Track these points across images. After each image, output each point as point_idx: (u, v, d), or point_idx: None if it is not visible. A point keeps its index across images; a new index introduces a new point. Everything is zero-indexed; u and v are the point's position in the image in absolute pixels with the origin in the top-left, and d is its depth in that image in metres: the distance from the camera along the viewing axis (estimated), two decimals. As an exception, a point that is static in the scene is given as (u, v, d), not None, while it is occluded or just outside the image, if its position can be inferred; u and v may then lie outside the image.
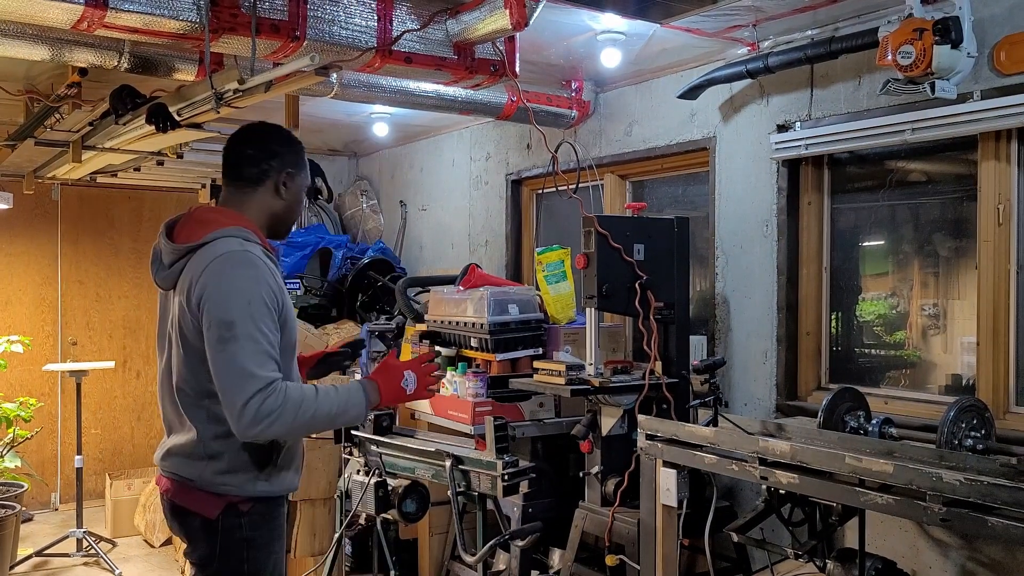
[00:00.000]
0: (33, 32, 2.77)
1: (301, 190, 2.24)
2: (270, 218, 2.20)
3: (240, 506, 2.07)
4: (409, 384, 2.20)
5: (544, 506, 3.41)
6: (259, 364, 1.94)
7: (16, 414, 4.94)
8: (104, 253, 6.41)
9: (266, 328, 1.98)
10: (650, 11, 3.04)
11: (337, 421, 2.12)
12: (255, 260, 2.04)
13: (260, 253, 2.08)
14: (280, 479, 2.14)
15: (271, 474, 2.11)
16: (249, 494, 2.08)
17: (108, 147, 3.97)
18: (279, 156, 2.20)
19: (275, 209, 2.20)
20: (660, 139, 4.01)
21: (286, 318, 2.08)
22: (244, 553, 2.09)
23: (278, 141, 2.23)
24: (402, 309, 4.53)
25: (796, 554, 2.74)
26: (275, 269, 2.11)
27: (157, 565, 4.98)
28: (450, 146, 5.46)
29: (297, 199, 2.24)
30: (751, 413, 3.53)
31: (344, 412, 2.08)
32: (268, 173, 2.18)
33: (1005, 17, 2.77)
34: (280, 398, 1.94)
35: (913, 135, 2.95)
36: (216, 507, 2.06)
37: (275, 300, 2.03)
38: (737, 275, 3.66)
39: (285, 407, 1.94)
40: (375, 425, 3.23)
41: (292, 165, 2.21)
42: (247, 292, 1.99)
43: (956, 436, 2.51)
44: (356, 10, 2.85)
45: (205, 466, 2.07)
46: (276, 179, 2.18)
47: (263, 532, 2.12)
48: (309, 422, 2.01)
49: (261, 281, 2.01)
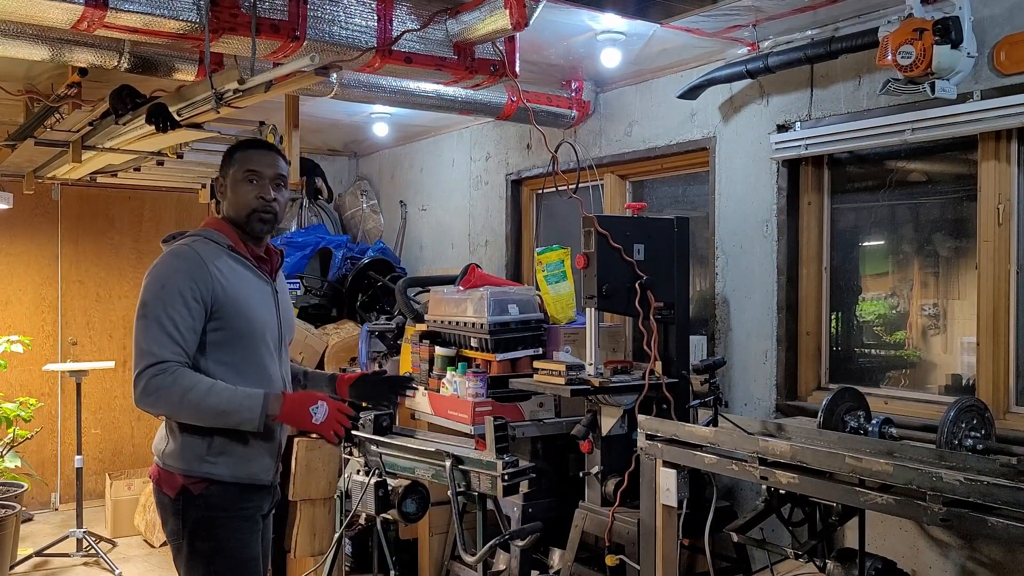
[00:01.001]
0: (33, 32, 2.77)
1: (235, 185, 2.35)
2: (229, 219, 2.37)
3: (192, 487, 2.23)
4: (318, 414, 2.28)
5: (544, 506, 3.41)
6: (158, 343, 2.14)
7: (16, 414, 4.94)
8: (104, 253, 6.41)
9: (174, 313, 2.16)
10: (650, 11, 3.04)
11: (226, 418, 2.20)
12: (187, 254, 2.24)
13: (207, 248, 2.27)
14: (227, 464, 2.25)
15: (217, 458, 2.24)
16: (197, 475, 2.23)
17: (108, 147, 3.97)
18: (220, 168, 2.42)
19: (229, 209, 2.38)
20: (660, 139, 4.01)
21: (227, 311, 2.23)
22: (203, 531, 2.24)
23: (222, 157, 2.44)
24: (402, 309, 4.53)
25: (796, 554, 2.73)
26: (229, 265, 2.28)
27: (157, 565, 4.98)
28: (450, 146, 5.46)
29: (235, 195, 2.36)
30: (751, 413, 3.53)
31: (235, 412, 2.19)
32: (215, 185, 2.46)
33: (1005, 17, 2.77)
34: (169, 379, 2.13)
35: (913, 135, 2.95)
36: (173, 486, 2.25)
37: (197, 289, 2.19)
38: (737, 275, 3.66)
39: (172, 388, 2.13)
40: (375, 425, 3.23)
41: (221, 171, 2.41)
42: (163, 278, 2.21)
43: (956, 436, 2.51)
44: (356, 10, 2.85)
45: (165, 447, 2.29)
46: (217, 187, 2.43)
47: (221, 514, 2.26)
48: (194, 409, 2.16)
49: (181, 271, 2.20)
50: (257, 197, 2.34)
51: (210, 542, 2.25)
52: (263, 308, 2.37)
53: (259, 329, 2.33)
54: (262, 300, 2.37)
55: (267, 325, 2.37)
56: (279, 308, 2.44)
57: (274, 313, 2.41)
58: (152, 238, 6.48)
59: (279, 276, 2.52)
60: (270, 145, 2.49)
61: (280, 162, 2.41)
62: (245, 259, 2.36)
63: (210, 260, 2.25)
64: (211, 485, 2.24)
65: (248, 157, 2.37)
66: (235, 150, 2.41)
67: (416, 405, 4.01)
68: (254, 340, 2.31)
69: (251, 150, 2.40)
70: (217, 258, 2.28)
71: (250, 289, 2.33)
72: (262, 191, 2.34)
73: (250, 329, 2.30)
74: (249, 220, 2.35)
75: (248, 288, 2.33)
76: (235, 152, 2.40)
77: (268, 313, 2.38)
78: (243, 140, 2.56)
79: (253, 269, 2.37)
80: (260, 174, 2.34)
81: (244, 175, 2.34)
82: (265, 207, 2.34)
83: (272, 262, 2.47)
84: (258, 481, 2.34)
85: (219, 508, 2.25)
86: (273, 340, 2.39)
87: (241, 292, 2.29)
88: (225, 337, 2.25)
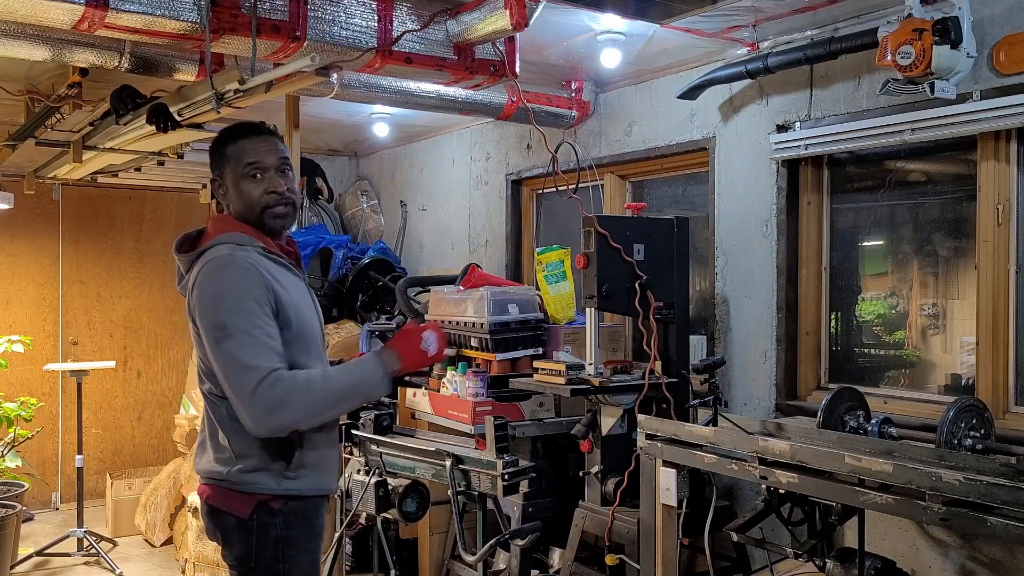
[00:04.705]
0: (34, 32, 2.78)
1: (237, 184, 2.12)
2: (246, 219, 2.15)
3: (271, 504, 2.06)
4: (430, 345, 2.14)
5: (544, 506, 3.41)
6: (257, 356, 1.94)
7: (17, 414, 4.94)
8: (105, 253, 6.41)
9: (260, 322, 1.97)
10: (650, 11, 3.05)
11: (356, 395, 2.09)
12: (239, 261, 2.03)
13: (251, 255, 2.07)
14: (309, 477, 2.11)
15: (298, 472, 2.08)
16: (277, 492, 2.06)
17: (109, 147, 3.98)
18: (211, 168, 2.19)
19: (238, 209, 2.15)
20: (660, 139, 4.02)
21: (288, 313, 2.06)
22: (280, 552, 2.07)
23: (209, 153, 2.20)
24: (402, 309, 4.54)
25: (796, 553, 2.74)
26: (273, 267, 2.10)
27: (157, 565, 4.98)
28: (450, 146, 5.47)
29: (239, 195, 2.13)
30: (751, 413, 3.54)
31: (361, 384, 2.06)
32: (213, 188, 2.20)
33: (1004, 17, 2.77)
34: (286, 384, 1.94)
35: (912, 135, 2.96)
36: (248, 505, 2.05)
37: (265, 296, 2.01)
38: (737, 275, 3.66)
39: (292, 391, 1.94)
40: (375, 425, 3.23)
41: (216, 172, 2.17)
42: (232, 292, 1.99)
43: (956, 436, 2.51)
44: (356, 10, 2.85)
45: (233, 465, 2.06)
46: (216, 189, 2.19)
47: (298, 531, 2.10)
48: (324, 401, 2.01)
49: (247, 279, 2.01)
50: (267, 192, 2.11)
51: (287, 563, 2.08)
52: (308, 307, 2.20)
53: (311, 329, 2.16)
54: (306, 298, 2.20)
55: (315, 323, 2.20)
56: (315, 302, 2.27)
57: (314, 309, 2.24)
58: (153, 238, 6.50)
59: None
60: (259, 128, 2.21)
61: (279, 144, 2.18)
62: (279, 258, 2.16)
63: (260, 265, 2.06)
64: (289, 501, 2.08)
65: (243, 149, 2.12)
66: (224, 144, 2.15)
67: (416, 405, 4.01)
68: (310, 340, 2.15)
69: (242, 140, 2.14)
70: (263, 263, 2.08)
71: (296, 289, 2.16)
72: (271, 184, 2.11)
73: (306, 330, 2.13)
74: (263, 218, 2.13)
75: (295, 288, 2.15)
76: (224, 146, 2.14)
77: (312, 310, 2.21)
78: (227, 129, 2.20)
79: (289, 267, 2.18)
80: (262, 165, 2.11)
81: (245, 170, 2.10)
82: (279, 200, 2.12)
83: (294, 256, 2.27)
84: (329, 491, 2.21)
85: (296, 526, 2.10)
86: (319, 337, 2.23)
87: (292, 293, 2.11)
88: (296, 342, 2.07)
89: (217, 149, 2.17)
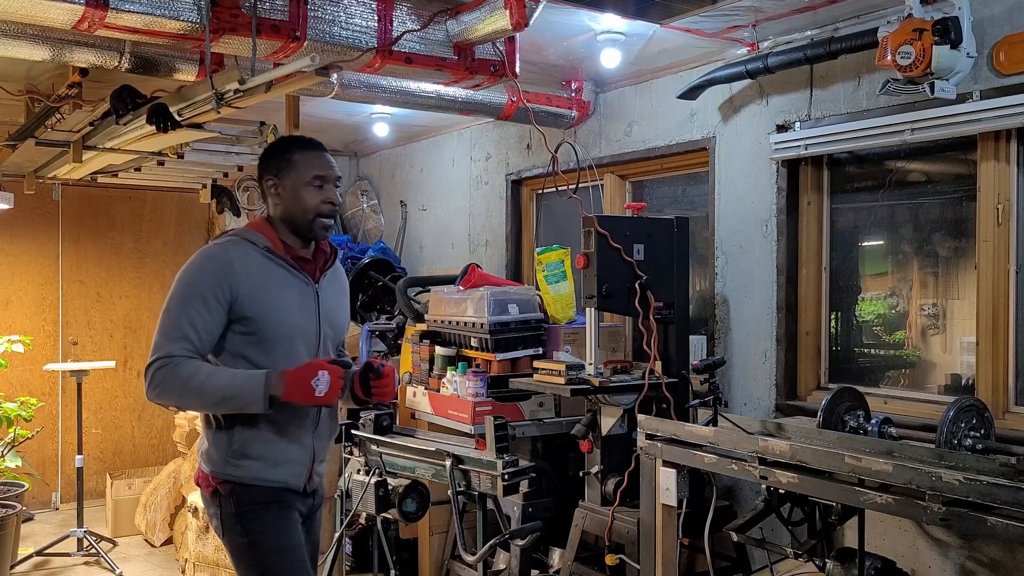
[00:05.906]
0: (34, 32, 2.78)
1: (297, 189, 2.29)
2: (283, 221, 2.33)
3: (220, 487, 2.25)
4: (321, 386, 2.19)
5: (544, 506, 3.41)
6: (169, 339, 2.15)
7: (17, 414, 4.94)
8: (105, 253, 6.41)
9: (192, 311, 2.16)
10: (650, 11, 3.05)
11: (229, 402, 2.18)
12: (211, 253, 2.24)
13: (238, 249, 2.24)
14: (253, 468, 2.24)
15: (240, 461, 2.24)
16: (221, 477, 2.25)
17: (109, 147, 3.98)
18: (265, 168, 2.35)
19: (278, 213, 2.33)
20: (660, 139, 4.02)
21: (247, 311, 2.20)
22: (239, 525, 2.25)
23: (267, 154, 2.38)
24: (402, 309, 4.54)
25: (796, 553, 2.74)
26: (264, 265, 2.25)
27: (157, 564, 4.98)
28: (450, 146, 5.47)
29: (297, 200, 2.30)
30: (751, 413, 3.54)
31: (237, 395, 2.16)
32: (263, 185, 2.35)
33: (1004, 17, 2.77)
34: (172, 370, 2.13)
35: (912, 135, 2.96)
36: (208, 485, 2.28)
37: (217, 289, 2.17)
38: (737, 275, 3.66)
39: (172, 379, 2.13)
40: (375, 425, 3.24)
41: (274, 172, 2.32)
42: (188, 277, 2.21)
43: (955, 436, 2.51)
44: (356, 10, 2.85)
45: (201, 447, 2.33)
46: (265, 188, 2.35)
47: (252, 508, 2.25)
48: (197, 395, 2.16)
49: (204, 270, 2.20)
50: (325, 202, 2.30)
51: (245, 536, 2.25)
52: (299, 311, 2.29)
53: (289, 332, 2.26)
54: (298, 302, 2.30)
55: (300, 328, 2.29)
56: (320, 309, 2.35)
57: (313, 315, 2.33)
58: (153, 238, 6.50)
59: (332, 275, 2.43)
60: (321, 144, 2.39)
61: (335, 161, 2.38)
62: (282, 260, 2.29)
63: (239, 262, 2.22)
64: (236, 487, 2.24)
65: (311, 161, 2.30)
66: (290, 151, 2.33)
67: (416, 405, 4.02)
68: (285, 343, 2.25)
69: (310, 151, 2.33)
70: (249, 260, 2.23)
71: (286, 291, 2.27)
72: (329, 195, 2.31)
73: (280, 332, 2.24)
74: (313, 225, 2.30)
75: (283, 290, 2.26)
76: (291, 153, 2.32)
77: (304, 315, 2.30)
78: (290, 139, 2.44)
79: (291, 270, 2.30)
80: (326, 178, 2.31)
81: (312, 180, 2.28)
82: (332, 211, 2.32)
83: (318, 262, 2.38)
84: (288, 486, 2.29)
85: (246, 504, 2.25)
86: (309, 343, 2.31)
87: (270, 295, 2.23)
88: (256, 340, 2.22)
89: (281, 153, 2.34)
